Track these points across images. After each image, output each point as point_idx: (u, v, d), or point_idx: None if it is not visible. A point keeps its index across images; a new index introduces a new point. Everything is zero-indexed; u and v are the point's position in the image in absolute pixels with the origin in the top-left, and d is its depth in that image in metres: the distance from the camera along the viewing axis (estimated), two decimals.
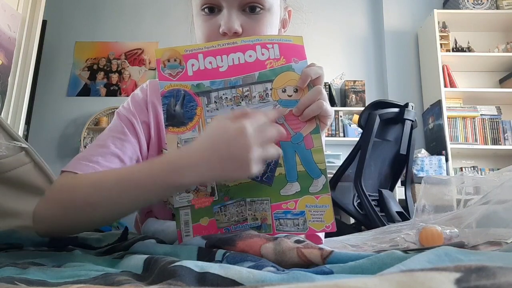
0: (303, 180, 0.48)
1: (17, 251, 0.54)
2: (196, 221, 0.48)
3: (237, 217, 0.49)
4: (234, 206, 0.49)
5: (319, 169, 0.48)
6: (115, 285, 0.30)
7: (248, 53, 0.49)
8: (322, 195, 0.48)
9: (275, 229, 0.48)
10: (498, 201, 0.47)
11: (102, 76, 3.47)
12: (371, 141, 1.41)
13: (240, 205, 0.49)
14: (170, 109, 0.48)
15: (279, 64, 0.49)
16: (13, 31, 2.31)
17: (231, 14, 0.57)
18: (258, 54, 0.49)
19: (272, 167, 0.48)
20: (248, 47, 0.49)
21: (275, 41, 0.49)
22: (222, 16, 0.57)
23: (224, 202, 0.49)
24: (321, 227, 0.48)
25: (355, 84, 3.25)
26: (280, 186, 0.48)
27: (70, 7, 3.62)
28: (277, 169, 0.48)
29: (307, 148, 0.48)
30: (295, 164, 0.48)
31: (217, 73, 0.49)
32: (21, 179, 0.69)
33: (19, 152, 0.69)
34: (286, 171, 0.48)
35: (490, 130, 2.91)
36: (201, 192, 0.48)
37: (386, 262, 0.31)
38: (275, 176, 0.48)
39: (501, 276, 0.18)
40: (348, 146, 2.93)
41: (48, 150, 3.25)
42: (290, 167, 0.48)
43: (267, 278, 0.30)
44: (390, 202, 1.49)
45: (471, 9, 3.09)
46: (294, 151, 0.48)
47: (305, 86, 0.49)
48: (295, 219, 0.48)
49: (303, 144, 0.48)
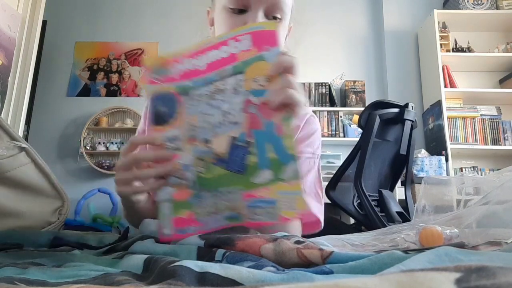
0: (275, 167, 0.48)
1: (17, 251, 0.54)
2: (176, 214, 0.50)
3: (213, 208, 0.50)
4: (210, 198, 0.49)
5: (291, 154, 0.47)
6: (115, 285, 0.30)
7: (223, 49, 0.49)
8: (293, 182, 0.47)
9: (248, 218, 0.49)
10: (498, 201, 0.47)
11: (102, 76, 3.47)
12: (371, 141, 1.41)
13: (216, 196, 0.49)
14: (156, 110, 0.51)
15: (250, 55, 0.49)
16: (13, 31, 2.31)
17: (257, 16, 0.63)
18: (231, 48, 0.49)
19: (242, 156, 0.48)
20: (222, 43, 0.50)
21: (247, 31, 0.49)
22: (249, 17, 0.63)
23: (201, 194, 0.50)
24: (293, 214, 0.48)
25: (355, 84, 3.26)
26: (252, 174, 0.48)
27: (70, 7, 3.62)
28: (250, 157, 0.48)
29: (278, 135, 0.48)
30: (265, 151, 0.48)
31: (198, 72, 0.50)
32: (21, 179, 0.69)
33: (19, 152, 0.69)
34: (258, 159, 0.48)
35: (490, 130, 2.91)
36: (182, 185, 0.50)
37: (386, 262, 0.31)
38: (247, 164, 0.48)
39: (501, 276, 0.18)
40: (348, 146, 2.93)
41: (48, 150, 3.25)
42: (262, 154, 0.48)
43: (267, 278, 0.30)
44: (390, 202, 1.49)
45: (471, 9, 3.09)
46: (266, 139, 0.48)
47: (276, 74, 0.49)
48: (267, 207, 0.48)
49: (274, 131, 0.48)
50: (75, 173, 3.25)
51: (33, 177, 0.71)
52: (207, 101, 0.50)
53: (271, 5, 0.65)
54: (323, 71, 3.38)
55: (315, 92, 3.29)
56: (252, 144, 0.48)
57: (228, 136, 0.49)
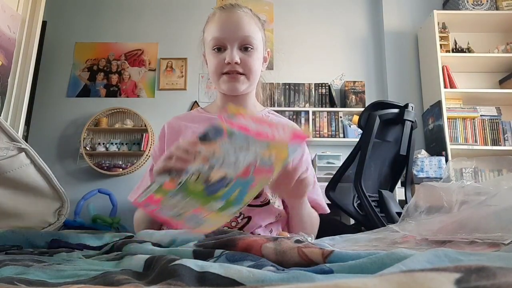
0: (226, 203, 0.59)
1: (16, 250, 0.54)
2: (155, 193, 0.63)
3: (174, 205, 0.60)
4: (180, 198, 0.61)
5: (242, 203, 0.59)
6: (114, 285, 0.30)
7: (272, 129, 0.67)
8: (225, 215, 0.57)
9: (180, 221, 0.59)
10: (495, 202, 0.47)
11: (102, 77, 3.47)
12: (371, 142, 1.41)
13: (183, 199, 0.61)
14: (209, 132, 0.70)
15: (282, 140, 0.65)
16: (13, 32, 2.31)
17: (232, 50, 0.86)
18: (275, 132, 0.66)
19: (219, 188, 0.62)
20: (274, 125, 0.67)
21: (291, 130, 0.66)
22: (226, 53, 0.86)
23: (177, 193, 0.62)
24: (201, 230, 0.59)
25: (355, 85, 3.26)
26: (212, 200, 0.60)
27: (70, 7, 3.62)
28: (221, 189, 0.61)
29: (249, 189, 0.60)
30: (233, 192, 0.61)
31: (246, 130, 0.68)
32: (21, 180, 0.69)
33: (19, 153, 0.69)
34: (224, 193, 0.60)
35: (490, 130, 2.91)
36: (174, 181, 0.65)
37: (386, 261, 0.31)
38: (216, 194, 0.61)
39: (501, 277, 0.18)
40: (348, 147, 2.93)
41: (48, 150, 3.25)
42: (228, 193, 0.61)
43: (267, 278, 0.30)
44: (390, 203, 1.49)
45: (470, 9, 3.09)
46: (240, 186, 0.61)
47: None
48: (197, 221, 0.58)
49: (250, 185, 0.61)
50: (75, 174, 3.25)
51: (33, 177, 0.71)
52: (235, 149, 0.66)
53: (241, 41, 0.87)
54: (323, 71, 3.39)
55: (315, 93, 3.29)
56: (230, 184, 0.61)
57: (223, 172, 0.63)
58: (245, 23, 0.88)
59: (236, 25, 0.87)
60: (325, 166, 2.74)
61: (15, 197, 0.69)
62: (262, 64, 0.96)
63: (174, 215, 0.60)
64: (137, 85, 3.45)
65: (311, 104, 3.27)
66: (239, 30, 0.87)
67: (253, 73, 0.89)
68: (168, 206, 0.61)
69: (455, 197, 0.56)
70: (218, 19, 0.89)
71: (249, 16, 0.90)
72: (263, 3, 3.57)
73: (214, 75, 0.90)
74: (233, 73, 0.87)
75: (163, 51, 3.50)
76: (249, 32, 0.87)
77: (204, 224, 0.57)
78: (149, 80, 3.45)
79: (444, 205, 0.56)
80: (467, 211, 0.52)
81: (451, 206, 0.56)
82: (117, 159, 3.29)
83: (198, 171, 0.65)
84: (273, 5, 3.58)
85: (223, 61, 0.86)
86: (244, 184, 0.62)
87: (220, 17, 0.89)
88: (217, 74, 0.89)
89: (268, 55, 0.99)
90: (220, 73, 0.88)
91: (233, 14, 0.89)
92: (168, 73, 3.45)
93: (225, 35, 0.87)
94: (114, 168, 3.17)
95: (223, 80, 0.88)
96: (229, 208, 0.59)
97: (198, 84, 3.41)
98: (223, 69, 0.87)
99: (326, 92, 3.29)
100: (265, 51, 0.97)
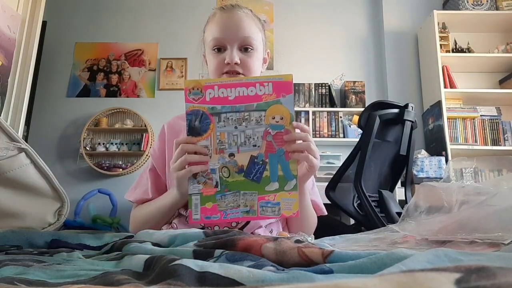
0: (281, 181, 0.67)
1: (16, 250, 0.54)
2: (203, 205, 0.67)
3: (232, 204, 0.67)
4: (231, 196, 0.67)
5: (293, 174, 0.68)
6: (114, 285, 0.30)
7: (250, 89, 0.68)
8: (292, 192, 0.67)
9: (259, 214, 0.67)
10: (495, 203, 0.47)
11: (102, 77, 3.47)
12: (371, 142, 1.41)
13: (236, 195, 0.67)
14: (191, 123, 0.68)
15: (271, 98, 0.68)
16: (13, 32, 2.31)
17: (232, 51, 0.86)
18: (257, 90, 0.68)
19: (260, 170, 0.67)
20: (250, 84, 0.68)
21: (270, 80, 0.68)
22: (226, 53, 0.87)
23: (224, 193, 0.67)
24: (290, 213, 0.67)
25: (355, 85, 3.26)
26: (265, 184, 0.67)
27: (70, 7, 3.62)
28: (264, 172, 0.67)
29: (286, 160, 0.68)
30: (277, 169, 0.67)
31: (227, 100, 0.68)
32: (21, 180, 0.69)
33: (19, 153, 0.69)
34: (270, 174, 0.67)
35: (490, 131, 2.91)
36: (208, 185, 0.67)
37: (386, 261, 0.31)
38: (262, 177, 0.67)
39: (501, 277, 0.18)
40: (348, 147, 2.93)
41: (48, 150, 3.25)
42: (273, 171, 0.67)
43: (267, 278, 0.30)
44: (390, 203, 1.49)
45: (470, 10, 3.09)
46: (277, 161, 0.67)
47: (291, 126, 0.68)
48: (273, 207, 0.67)
49: (283, 156, 0.68)
50: (75, 174, 3.25)
51: (33, 177, 0.71)
52: (234, 124, 0.68)
53: (241, 42, 0.87)
54: (323, 71, 3.39)
55: (315, 93, 3.29)
56: (266, 163, 0.67)
57: (249, 154, 0.67)
58: (245, 24, 0.88)
59: (236, 25, 0.88)
60: (325, 166, 2.74)
61: (15, 197, 0.69)
62: (262, 65, 0.97)
63: (244, 211, 0.67)
64: (137, 85, 3.45)
65: (311, 104, 3.27)
66: (239, 30, 0.87)
67: (252, 73, 0.89)
68: (229, 207, 0.67)
69: (455, 197, 0.56)
70: (219, 20, 0.89)
71: (249, 17, 0.91)
72: (263, 3, 3.57)
73: (214, 75, 0.90)
74: (233, 74, 0.87)
75: (163, 51, 3.50)
76: (249, 33, 0.88)
77: (282, 206, 0.66)
78: (149, 80, 3.45)
79: (444, 205, 0.56)
80: (467, 211, 0.52)
81: (451, 206, 0.55)
82: (117, 159, 3.29)
83: (223, 164, 0.67)
84: (273, 5, 3.58)
85: (223, 62, 0.87)
86: (279, 158, 0.67)
87: (221, 17, 0.90)
88: (217, 74, 0.89)
89: (268, 56, 1.00)
90: (220, 74, 0.88)
91: (233, 14, 0.89)
92: (168, 73, 3.45)
93: (225, 35, 0.87)
94: (114, 168, 3.17)
95: None
96: (287, 184, 0.67)
97: None
98: (223, 70, 0.88)
99: (326, 92, 3.29)
100: (265, 52, 0.98)
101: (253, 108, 0.67)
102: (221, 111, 0.67)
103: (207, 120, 0.68)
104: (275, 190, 0.66)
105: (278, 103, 0.68)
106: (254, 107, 0.67)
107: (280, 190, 0.67)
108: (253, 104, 0.67)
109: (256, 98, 0.68)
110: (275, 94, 0.68)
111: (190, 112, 0.68)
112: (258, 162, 0.67)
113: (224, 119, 0.67)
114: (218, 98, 0.68)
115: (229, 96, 0.68)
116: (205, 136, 0.68)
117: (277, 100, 0.68)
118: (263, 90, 0.68)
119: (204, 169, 0.67)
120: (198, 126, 0.68)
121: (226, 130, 0.67)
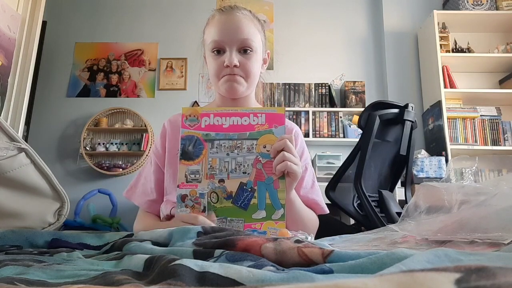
0: (268, 209, 0.68)
1: (16, 250, 0.54)
2: None
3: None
4: (218, 222, 0.67)
5: (280, 203, 0.68)
6: (114, 285, 0.30)
7: (244, 118, 0.71)
8: (279, 222, 0.68)
9: None
10: (495, 203, 0.47)
11: (102, 77, 3.47)
12: (371, 142, 1.41)
13: (222, 222, 0.68)
14: (185, 147, 0.70)
15: (263, 128, 0.70)
16: (13, 32, 2.31)
17: (231, 53, 0.86)
18: (251, 120, 0.71)
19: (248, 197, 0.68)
20: (245, 114, 0.71)
21: (264, 112, 0.71)
22: (225, 56, 0.87)
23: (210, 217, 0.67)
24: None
25: (355, 85, 3.26)
26: (252, 212, 0.68)
27: (70, 7, 3.62)
28: (252, 199, 0.68)
29: (275, 188, 0.68)
30: (264, 197, 0.68)
31: (221, 128, 0.70)
32: (21, 180, 0.69)
33: (19, 153, 0.69)
34: (258, 202, 0.68)
35: (490, 131, 2.91)
36: (196, 209, 0.68)
37: (386, 261, 0.31)
38: (250, 204, 0.68)
39: (501, 277, 0.18)
40: (348, 147, 2.93)
41: (47, 150, 3.25)
42: (261, 199, 0.68)
43: (267, 278, 0.30)
44: (390, 203, 1.49)
45: (470, 10, 3.09)
46: (266, 189, 0.68)
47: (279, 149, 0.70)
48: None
49: (272, 184, 0.69)
50: (75, 174, 3.25)
51: (33, 177, 0.71)
52: (226, 151, 0.69)
53: (240, 44, 0.87)
54: (323, 71, 3.39)
55: (315, 93, 3.29)
56: (255, 190, 0.68)
57: (238, 181, 0.68)
58: (244, 26, 0.88)
59: (235, 28, 0.87)
60: (325, 166, 2.74)
61: (15, 197, 0.69)
62: (262, 66, 0.96)
63: None
64: (137, 85, 3.45)
65: (311, 104, 3.27)
66: (238, 33, 0.87)
67: (252, 75, 0.89)
68: None
69: (455, 197, 0.56)
70: (217, 22, 0.89)
71: (248, 19, 0.90)
72: (263, 3, 3.57)
73: (213, 78, 0.91)
74: (232, 76, 0.87)
75: (163, 51, 3.50)
76: (248, 35, 0.88)
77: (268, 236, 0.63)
78: (149, 80, 3.45)
79: (444, 205, 0.56)
80: (467, 211, 0.52)
81: (451, 206, 0.55)
82: (117, 159, 3.29)
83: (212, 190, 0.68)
84: (273, 5, 3.58)
85: (222, 64, 0.87)
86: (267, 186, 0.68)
87: (220, 19, 0.90)
88: (216, 76, 0.90)
89: (268, 57, 1.00)
90: (219, 76, 0.89)
91: (232, 16, 0.89)
92: (168, 73, 3.45)
93: (224, 38, 0.87)
94: (114, 168, 3.17)
95: (222, 82, 0.89)
96: (275, 213, 0.68)
97: (198, 84, 3.40)
98: (222, 72, 0.88)
99: (326, 92, 3.29)
100: (265, 53, 0.98)
101: (246, 136, 0.70)
102: (214, 138, 0.70)
103: (201, 146, 0.70)
104: (262, 219, 0.67)
105: (270, 133, 0.70)
106: (246, 136, 0.70)
107: (268, 218, 0.67)
108: (246, 133, 0.70)
109: (249, 127, 0.70)
110: (268, 124, 0.70)
111: (184, 137, 0.70)
112: (247, 189, 0.68)
113: (217, 145, 0.70)
114: (213, 125, 0.70)
115: (223, 124, 0.70)
116: (197, 161, 0.69)
117: (269, 130, 0.70)
118: (257, 120, 0.70)
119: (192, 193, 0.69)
120: (192, 151, 0.70)
121: (218, 156, 0.69)
